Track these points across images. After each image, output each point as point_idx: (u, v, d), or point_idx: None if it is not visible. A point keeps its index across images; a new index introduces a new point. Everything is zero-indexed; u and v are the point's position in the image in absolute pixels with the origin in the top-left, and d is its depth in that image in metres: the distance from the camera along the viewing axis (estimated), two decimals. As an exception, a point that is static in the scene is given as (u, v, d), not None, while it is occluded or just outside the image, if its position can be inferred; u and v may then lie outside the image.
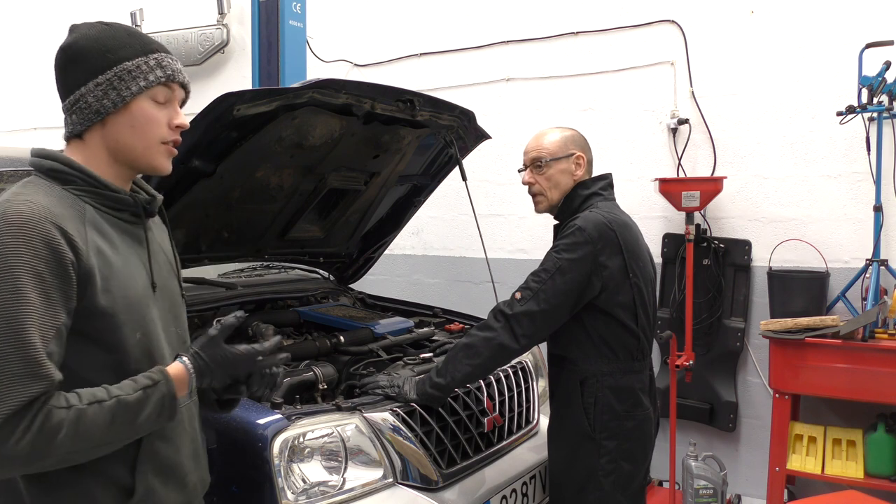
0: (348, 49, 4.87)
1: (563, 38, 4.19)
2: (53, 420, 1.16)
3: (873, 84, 3.18)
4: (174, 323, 1.47)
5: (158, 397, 1.28)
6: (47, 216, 1.22)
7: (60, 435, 1.16)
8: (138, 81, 1.33)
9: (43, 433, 1.15)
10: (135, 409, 1.25)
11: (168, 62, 1.37)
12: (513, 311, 2.13)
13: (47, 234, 1.20)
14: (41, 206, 1.23)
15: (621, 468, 2.18)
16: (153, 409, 1.27)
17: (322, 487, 1.92)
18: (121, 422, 1.23)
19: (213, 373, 1.37)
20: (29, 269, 1.17)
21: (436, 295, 4.50)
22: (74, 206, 1.29)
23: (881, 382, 3.05)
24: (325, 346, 2.51)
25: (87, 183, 1.33)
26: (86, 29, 1.37)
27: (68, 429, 1.17)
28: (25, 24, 6.40)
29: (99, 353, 1.28)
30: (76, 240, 1.24)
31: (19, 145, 2.45)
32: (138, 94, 1.34)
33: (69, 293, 1.22)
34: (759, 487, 3.53)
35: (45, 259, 1.19)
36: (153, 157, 1.38)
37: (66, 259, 1.21)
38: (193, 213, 2.48)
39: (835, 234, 3.53)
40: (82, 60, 1.33)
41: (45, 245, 1.19)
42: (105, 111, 1.33)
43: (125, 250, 1.35)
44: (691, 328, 3.62)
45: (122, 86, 1.32)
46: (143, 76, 1.34)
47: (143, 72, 1.34)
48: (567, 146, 2.32)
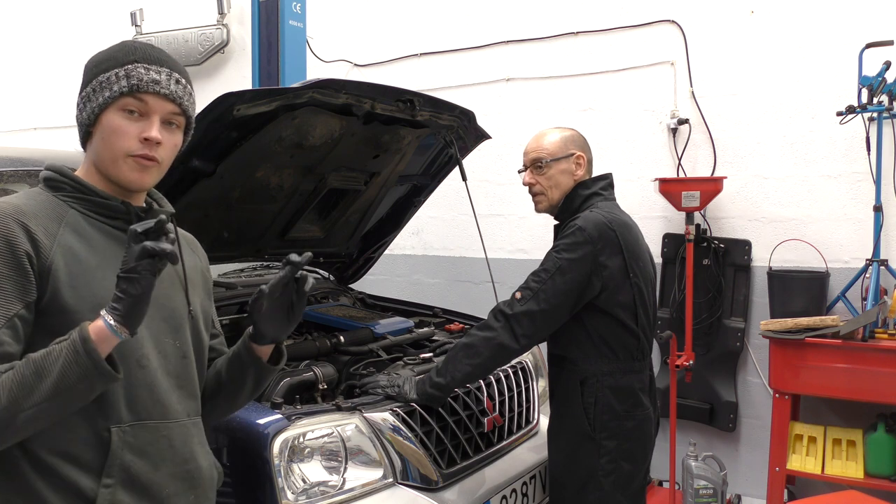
0: (348, 49, 4.87)
1: (563, 38, 4.19)
2: None
3: (873, 84, 3.18)
4: (172, 335, 1.41)
5: (68, 344, 1.18)
6: (12, 213, 1.26)
7: None
8: (104, 93, 1.32)
9: None
10: (43, 363, 1.17)
11: (137, 73, 1.32)
12: (513, 310, 2.13)
13: (3, 229, 1.24)
14: (11, 206, 1.28)
15: (621, 468, 2.18)
16: (66, 357, 1.17)
17: (322, 487, 1.92)
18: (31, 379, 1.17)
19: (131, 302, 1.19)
20: None
21: (436, 295, 4.50)
22: (56, 209, 1.32)
23: (881, 382, 3.05)
24: (325, 346, 2.51)
25: (75, 189, 1.36)
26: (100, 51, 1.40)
27: None
28: (26, 24, 6.40)
29: None
30: (38, 235, 1.26)
31: (19, 145, 2.45)
32: (105, 105, 1.32)
33: (26, 286, 1.23)
34: (759, 487, 3.53)
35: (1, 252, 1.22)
36: (119, 169, 1.34)
37: (19, 251, 1.23)
38: (193, 213, 2.48)
39: (835, 234, 3.53)
40: (85, 80, 1.37)
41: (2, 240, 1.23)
42: (86, 124, 1.36)
43: (108, 253, 1.33)
44: (691, 328, 3.62)
45: (95, 97, 1.33)
46: (109, 87, 1.32)
47: (110, 83, 1.32)
48: (567, 146, 2.32)
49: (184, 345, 1.44)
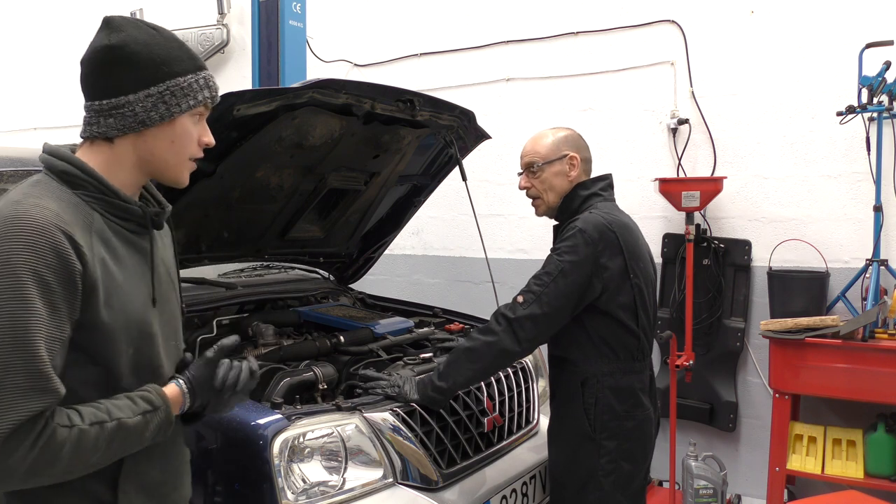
0: (348, 49, 4.87)
1: (563, 38, 4.19)
2: (57, 439, 1.14)
3: (873, 84, 3.18)
4: (173, 336, 1.44)
5: (157, 423, 1.27)
6: (57, 222, 1.18)
7: (62, 454, 1.14)
8: (188, 100, 1.33)
9: (46, 451, 1.12)
10: (135, 433, 1.24)
11: (213, 83, 1.38)
12: (515, 314, 2.12)
13: (56, 242, 1.16)
14: (51, 212, 1.19)
15: (621, 468, 2.18)
16: (151, 433, 1.27)
17: (322, 487, 1.92)
18: (119, 444, 1.22)
19: (205, 395, 1.38)
20: (37, 278, 1.14)
21: (436, 295, 4.50)
22: (83, 214, 1.25)
23: (881, 382, 3.05)
24: (325, 346, 2.51)
25: (98, 190, 1.28)
26: (134, 30, 1.31)
27: (69, 448, 1.15)
28: (26, 24, 6.40)
29: (90, 367, 1.25)
30: (84, 249, 1.20)
31: (19, 145, 2.45)
32: (186, 111, 1.33)
33: (74, 304, 1.19)
34: (759, 487, 3.53)
35: (54, 268, 1.15)
36: (181, 171, 1.39)
37: (74, 269, 1.18)
38: (193, 213, 2.48)
39: (835, 234, 3.53)
40: (135, 67, 1.29)
41: (54, 254, 1.16)
42: (151, 123, 1.30)
43: (128, 263, 1.32)
44: (691, 328, 3.62)
45: (173, 101, 1.31)
46: (193, 95, 1.33)
47: (194, 91, 1.34)
48: (559, 148, 2.31)
49: (179, 343, 1.48)
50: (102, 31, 1.31)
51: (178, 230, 2.51)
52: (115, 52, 1.28)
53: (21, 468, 1.11)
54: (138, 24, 1.34)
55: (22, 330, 1.11)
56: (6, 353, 1.11)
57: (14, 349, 1.11)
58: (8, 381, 1.10)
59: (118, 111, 1.29)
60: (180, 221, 2.46)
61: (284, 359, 2.41)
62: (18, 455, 1.10)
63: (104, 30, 1.31)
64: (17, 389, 1.10)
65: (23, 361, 1.11)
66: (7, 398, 1.10)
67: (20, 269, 1.13)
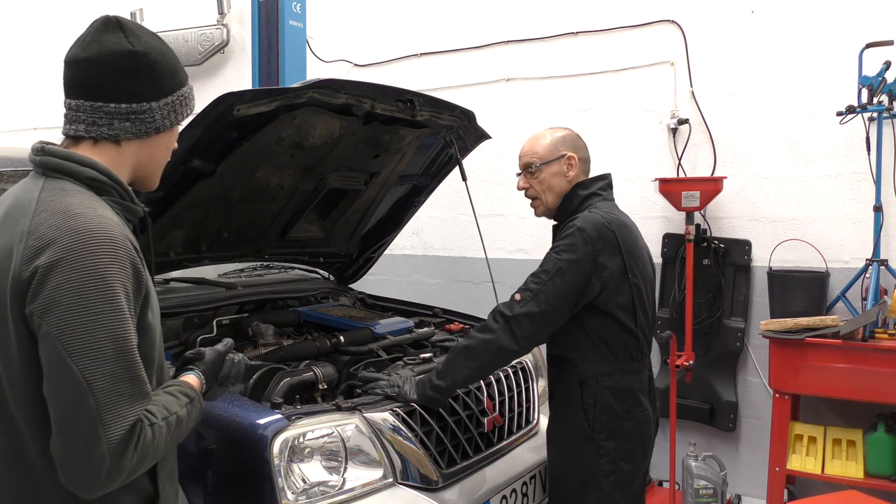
0: (348, 49, 4.87)
1: (563, 38, 4.19)
2: (149, 436, 1.21)
3: (873, 84, 3.18)
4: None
5: (196, 414, 1.37)
6: (126, 234, 1.25)
7: (153, 449, 1.22)
8: (188, 108, 1.43)
9: (144, 449, 1.20)
10: (185, 423, 1.33)
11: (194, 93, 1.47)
12: (513, 312, 2.12)
13: (131, 254, 1.23)
14: (117, 224, 1.25)
15: (621, 468, 2.18)
16: (192, 424, 1.36)
17: (322, 487, 1.92)
18: (177, 436, 1.31)
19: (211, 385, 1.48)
20: (124, 290, 1.20)
21: (436, 295, 4.50)
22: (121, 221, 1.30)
23: (881, 382, 3.05)
24: (325, 346, 2.51)
25: (119, 195, 1.33)
26: (149, 38, 1.35)
27: (158, 442, 1.23)
28: (26, 24, 6.40)
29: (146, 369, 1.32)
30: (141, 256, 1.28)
31: (19, 145, 2.44)
32: (185, 119, 1.42)
33: (138, 310, 1.26)
34: (759, 487, 3.53)
35: (131, 279, 1.22)
36: (156, 176, 1.46)
37: (143, 278, 1.26)
38: (193, 213, 2.48)
39: (835, 234, 3.53)
40: (157, 76, 1.34)
41: (131, 265, 1.22)
42: (163, 129, 1.37)
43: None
44: (691, 328, 3.62)
45: (181, 110, 1.40)
46: (189, 104, 1.43)
47: (190, 101, 1.43)
48: (557, 148, 2.31)
49: None
50: (113, 32, 1.31)
51: (178, 230, 2.53)
52: (140, 58, 1.31)
53: (126, 469, 1.18)
54: (146, 31, 1.38)
55: (122, 340, 1.18)
56: (111, 363, 1.16)
57: (118, 359, 1.17)
58: (116, 390, 1.17)
59: (138, 116, 1.32)
60: (180, 221, 2.47)
61: (284, 359, 2.41)
62: (128, 456, 1.17)
63: (115, 31, 1.31)
64: (123, 397, 1.17)
65: (125, 370, 1.18)
66: (117, 406, 1.16)
67: (111, 282, 1.18)
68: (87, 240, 1.17)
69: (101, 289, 1.16)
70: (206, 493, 1.85)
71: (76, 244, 1.16)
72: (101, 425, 1.14)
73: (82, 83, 1.30)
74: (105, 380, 1.15)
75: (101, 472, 1.14)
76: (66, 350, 1.14)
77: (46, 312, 1.15)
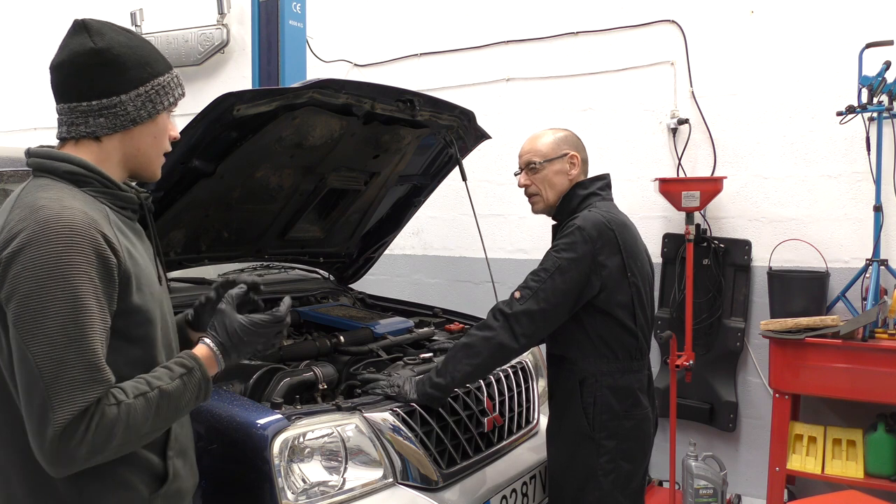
0: (348, 49, 4.87)
1: (563, 38, 4.19)
2: (108, 418, 1.21)
3: (873, 84, 3.18)
4: (170, 313, 1.54)
5: (195, 383, 1.35)
6: (90, 222, 1.26)
7: (115, 430, 1.22)
8: (168, 97, 1.42)
9: (100, 431, 1.20)
10: (176, 397, 1.32)
11: (182, 83, 1.48)
12: (512, 310, 2.13)
13: (95, 242, 1.24)
14: (81, 212, 1.26)
15: (620, 468, 2.18)
16: (191, 394, 1.35)
17: (322, 487, 1.92)
18: (164, 411, 1.30)
19: (236, 347, 1.44)
20: (84, 277, 1.21)
21: (436, 295, 4.50)
22: (100, 210, 1.34)
23: (881, 382, 3.05)
24: (325, 346, 2.51)
25: (102, 185, 1.37)
26: (113, 34, 1.39)
27: (121, 424, 1.23)
28: (25, 24, 6.40)
29: (132, 349, 1.33)
30: (115, 244, 1.29)
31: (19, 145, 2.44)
32: (166, 108, 1.42)
33: (113, 296, 1.27)
34: (759, 487, 3.53)
35: (95, 266, 1.23)
36: (156, 165, 1.47)
37: (111, 264, 1.26)
38: (193, 213, 2.48)
39: (835, 234, 3.53)
40: (123, 69, 1.36)
41: (94, 252, 1.24)
42: (140, 121, 1.39)
43: (141, 248, 1.42)
44: (691, 328, 3.62)
45: (158, 100, 1.40)
46: (171, 93, 1.43)
47: (172, 88, 1.43)
48: (560, 147, 2.32)
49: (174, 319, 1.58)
50: (79, 34, 1.37)
51: (178, 230, 2.53)
52: (104, 55, 1.35)
53: (81, 451, 1.19)
54: (114, 27, 1.41)
55: (75, 328, 1.19)
56: (63, 350, 1.18)
57: (70, 346, 1.19)
58: (66, 376, 1.18)
59: (110, 111, 1.36)
60: (180, 221, 2.46)
61: (284, 359, 2.41)
62: (76, 440, 1.18)
63: (81, 33, 1.37)
64: (74, 383, 1.19)
65: (77, 356, 1.19)
66: (65, 392, 1.18)
67: (68, 271, 1.20)
68: (46, 229, 1.21)
69: (56, 276, 1.19)
70: (205, 492, 1.85)
71: (36, 234, 1.21)
72: (50, 409, 1.17)
73: (58, 88, 1.38)
74: (54, 365, 1.18)
75: (54, 454, 1.18)
76: (21, 336, 1.19)
77: (8, 300, 1.20)
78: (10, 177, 2.29)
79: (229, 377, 2.25)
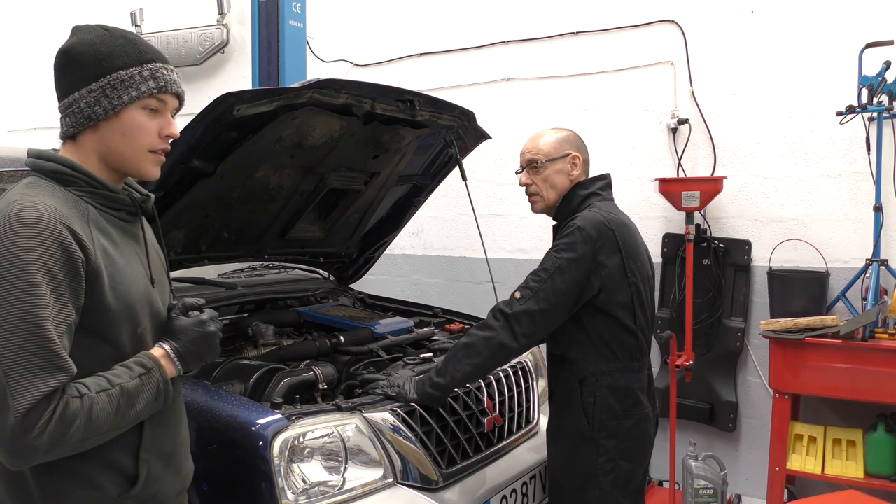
0: (348, 49, 4.87)
1: (563, 38, 4.19)
2: (70, 410, 1.22)
3: (873, 84, 3.18)
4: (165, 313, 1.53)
5: (154, 383, 1.36)
6: (57, 217, 1.26)
7: (76, 423, 1.22)
8: (130, 91, 1.37)
9: (62, 423, 1.21)
10: (135, 395, 1.32)
11: (162, 73, 1.40)
12: (512, 310, 2.13)
13: (59, 235, 1.25)
14: (51, 207, 1.27)
15: (620, 467, 2.18)
16: (150, 394, 1.34)
17: (322, 487, 1.92)
18: (124, 409, 1.30)
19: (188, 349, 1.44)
20: (43, 268, 1.22)
21: (436, 295, 4.50)
22: (78, 207, 1.34)
23: (881, 382, 3.05)
24: (325, 346, 2.51)
25: (87, 184, 1.37)
26: (85, 33, 1.39)
27: (82, 417, 1.23)
28: (25, 24, 6.40)
29: (102, 347, 1.34)
30: (84, 240, 1.29)
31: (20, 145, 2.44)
32: (129, 103, 1.37)
33: (79, 291, 1.27)
34: (759, 487, 3.53)
35: (58, 258, 1.24)
36: (140, 163, 1.42)
37: (76, 258, 1.26)
38: (193, 213, 2.48)
39: (835, 234, 3.53)
40: (77, 66, 1.36)
41: (57, 245, 1.24)
42: (96, 118, 1.37)
43: (125, 248, 1.41)
44: (691, 328, 3.62)
45: (115, 94, 1.36)
46: (136, 86, 1.37)
47: (136, 82, 1.37)
48: (562, 146, 2.32)
49: None
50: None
51: (178, 230, 2.53)
52: (66, 55, 1.38)
53: (41, 442, 1.19)
54: (92, 28, 1.41)
55: (32, 315, 1.20)
56: (20, 337, 1.19)
57: (27, 333, 1.20)
58: (25, 362, 1.19)
59: (70, 109, 1.37)
60: (180, 221, 2.46)
61: (284, 359, 2.41)
62: (37, 429, 1.18)
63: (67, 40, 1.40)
64: (34, 369, 1.19)
65: (35, 343, 1.20)
66: (25, 378, 1.19)
67: (26, 260, 1.21)
68: (11, 222, 1.23)
69: (13, 265, 1.21)
70: (205, 492, 1.85)
71: (1, 226, 1.24)
72: (10, 395, 1.18)
73: None
74: (12, 351, 1.18)
75: (13, 443, 1.18)
76: None
77: None
78: (10, 177, 2.29)
79: (229, 377, 2.25)
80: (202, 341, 1.46)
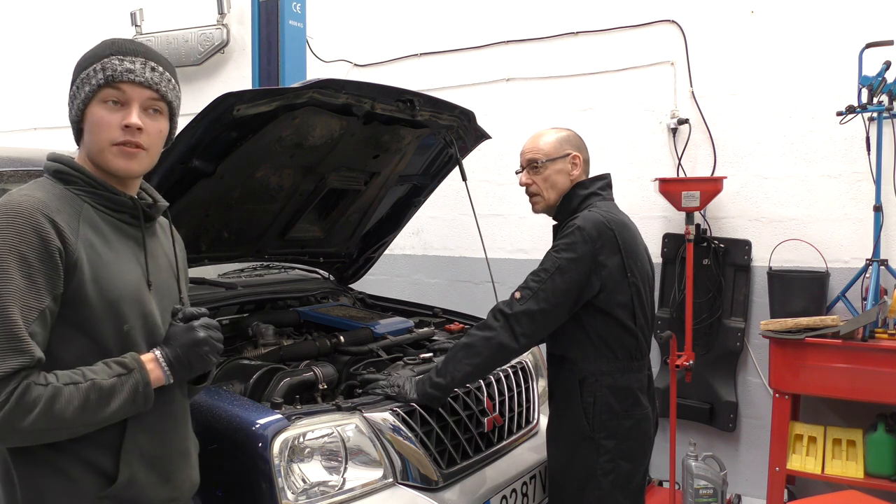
0: (348, 49, 4.87)
1: (563, 38, 4.19)
2: (31, 395, 1.22)
3: (873, 84, 3.18)
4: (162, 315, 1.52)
5: (132, 384, 1.34)
6: (39, 208, 1.30)
7: (36, 410, 1.22)
8: (84, 89, 1.40)
9: (19, 407, 1.21)
10: (108, 394, 1.30)
11: (113, 64, 1.39)
12: (512, 310, 2.13)
13: (36, 224, 1.28)
14: (36, 199, 1.31)
15: (620, 467, 2.18)
16: (127, 395, 1.33)
17: (322, 487, 1.92)
18: (94, 405, 1.29)
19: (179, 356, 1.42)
20: (14, 253, 1.25)
21: (436, 295, 4.50)
22: (72, 204, 1.37)
23: (881, 382, 3.05)
24: (325, 346, 2.51)
25: (86, 183, 1.40)
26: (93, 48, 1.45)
27: (43, 406, 1.23)
28: (26, 24, 6.40)
29: (83, 340, 1.34)
30: (65, 230, 1.31)
31: (19, 145, 2.45)
32: (88, 100, 1.39)
33: (55, 280, 1.29)
34: (759, 487, 3.53)
35: (33, 245, 1.26)
36: (106, 158, 1.41)
37: (52, 246, 1.28)
38: (193, 213, 2.48)
39: (835, 234, 3.53)
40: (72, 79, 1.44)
41: (33, 232, 1.27)
42: (76, 121, 1.42)
43: (120, 247, 1.42)
44: (691, 328, 3.62)
45: (78, 96, 1.41)
46: (89, 82, 1.39)
47: (90, 78, 1.39)
48: (563, 146, 2.32)
49: None
50: None
51: (178, 230, 2.53)
52: None
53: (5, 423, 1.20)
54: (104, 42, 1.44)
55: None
56: None
57: None
58: None
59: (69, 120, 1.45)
60: (180, 221, 2.46)
61: (284, 359, 2.41)
62: None
63: None
64: None
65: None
66: None
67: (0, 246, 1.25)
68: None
69: None
70: (205, 492, 1.85)
71: None
72: None
73: None
74: None
75: None
76: None
77: None
78: (10, 177, 2.29)
79: (229, 377, 2.25)
80: (190, 349, 1.42)
